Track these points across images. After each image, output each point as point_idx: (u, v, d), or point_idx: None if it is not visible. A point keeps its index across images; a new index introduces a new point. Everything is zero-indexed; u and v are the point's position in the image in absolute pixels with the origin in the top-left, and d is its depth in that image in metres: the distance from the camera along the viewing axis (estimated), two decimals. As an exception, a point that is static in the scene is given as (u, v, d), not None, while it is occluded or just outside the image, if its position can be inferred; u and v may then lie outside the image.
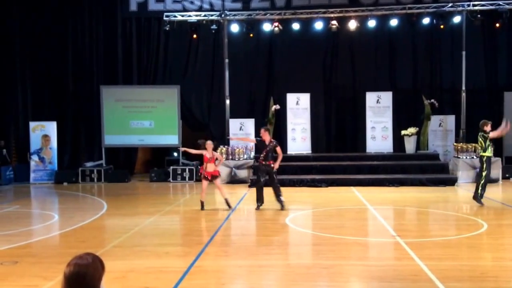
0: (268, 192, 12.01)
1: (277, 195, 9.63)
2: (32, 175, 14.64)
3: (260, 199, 9.70)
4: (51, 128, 14.79)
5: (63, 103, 15.82)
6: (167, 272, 5.54)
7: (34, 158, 14.68)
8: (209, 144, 9.69)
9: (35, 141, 14.70)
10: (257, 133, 14.74)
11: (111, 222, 8.88)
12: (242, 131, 14.56)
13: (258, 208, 9.63)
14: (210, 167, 9.52)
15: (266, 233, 7.87)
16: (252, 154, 14.25)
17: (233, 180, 13.60)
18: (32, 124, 14.79)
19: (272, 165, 9.57)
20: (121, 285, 5.02)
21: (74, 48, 15.92)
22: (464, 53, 14.08)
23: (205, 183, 9.65)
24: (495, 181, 12.47)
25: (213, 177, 9.58)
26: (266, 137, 9.63)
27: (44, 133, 14.73)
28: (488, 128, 9.53)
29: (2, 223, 8.75)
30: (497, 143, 12.78)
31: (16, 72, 15.86)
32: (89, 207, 10.62)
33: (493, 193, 10.84)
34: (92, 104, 15.53)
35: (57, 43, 15.72)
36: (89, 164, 15.02)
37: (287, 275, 5.44)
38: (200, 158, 10.47)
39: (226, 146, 14.10)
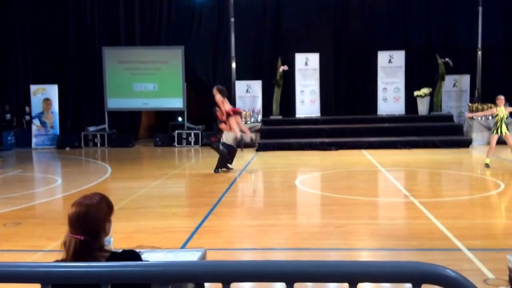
0: (273, 154, 11.83)
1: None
2: (33, 140, 14.34)
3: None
4: (52, 91, 14.40)
5: (64, 65, 15.35)
6: (175, 232, 5.39)
7: (36, 122, 14.38)
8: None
9: (36, 105, 14.36)
10: (264, 95, 14.40)
11: (116, 185, 8.69)
12: (249, 93, 14.14)
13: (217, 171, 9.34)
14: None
15: (275, 194, 7.67)
16: (260, 117, 13.91)
17: (240, 143, 13.30)
18: (32, 88, 14.40)
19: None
20: (127, 245, 4.77)
21: (75, 8, 15.34)
22: (480, 9, 13.44)
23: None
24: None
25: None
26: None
27: (45, 96, 14.36)
28: None
29: (4, 186, 8.64)
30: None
31: (16, 34, 15.35)
32: (93, 171, 10.45)
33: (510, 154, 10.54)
34: (94, 66, 15.04)
35: (57, 3, 15.14)
36: (91, 128, 14.71)
37: (299, 234, 5.28)
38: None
39: (232, 109, 13.71)
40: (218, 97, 9.22)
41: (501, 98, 9.11)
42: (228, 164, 9.49)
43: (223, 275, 1.27)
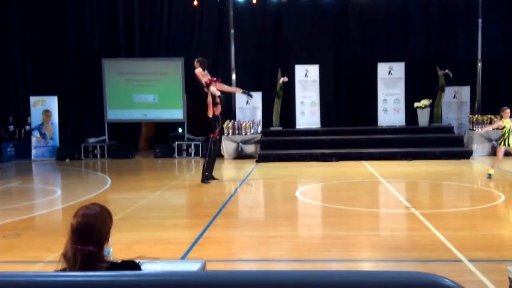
0: (274, 165, 11.82)
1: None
2: (33, 152, 14.30)
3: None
4: (52, 103, 14.40)
5: (64, 77, 15.39)
6: (175, 243, 5.34)
7: (35, 134, 14.38)
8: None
9: (36, 116, 14.37)
10: (265, 107, 14.41)
11: (115, 196, 8.65)
12: (249, 104, 14.17)
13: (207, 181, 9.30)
14: None
15: (276, 205, 7.63)
16: (260, 128, 13.91)
17: (240, 155, 13.32)
18: (32, 99, 14.41)
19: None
20: (127, 256, 4.73)
21: (75, 20, 15.44)
22: (480, 20, 13.51)
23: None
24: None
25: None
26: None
27: (45, 108, 14.37)
28: None
29: (4, 198, 8.60)
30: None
31: (16, 45, 15.44)
32: (93, 182, 10.41)
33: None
34: (93, 78, 15.10)
35: (57, 14, 15.25)
36: (91, 140, 14.71)
37: (300, 246, 5.23)
38: None
39: (232, 121, 13.75)
40: (198, 70, 9.10)
41: (507, 111, 9.05)
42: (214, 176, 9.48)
43: (221, 284, 1.26)
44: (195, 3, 14.46)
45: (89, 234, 1.98)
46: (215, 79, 9.27)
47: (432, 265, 4.44)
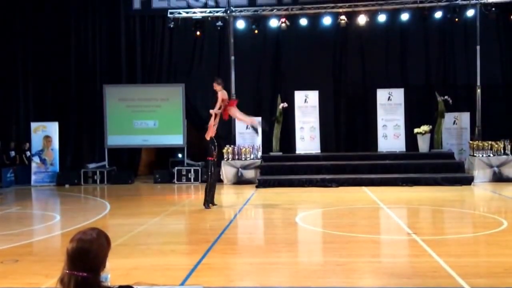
0: (273, 191, 11.77)
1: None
2: (33, 177, 14.28)
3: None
4: (53, 128, 14.45)
5: (65, 103, 15.56)
6: (174, 269, 5.28)
7: (36, 160, 14.39)
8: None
9: (36, 142, 14.38)
10: (264, 132, 14.38)
11: (114, 222, 8.59)
12: (249, 129, 14.19)
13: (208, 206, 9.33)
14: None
15: (275, 231, 7.58)
16: (260, 153, 13.92)
17: (240, 180, 13.29)
18: (33, 125, 14.46)
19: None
20: (125, 283, 4.69)
21: (77, 47, 15.73)
22: (478, 47, 13.66)
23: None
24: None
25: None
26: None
27: (46, 134, 14.41)
28: None
29: (2, 223, 8.53)
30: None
31: (18, 71, 15.65)
32: (92, 208, 10.36)
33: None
34: (95, 104, 15.25)
35: (59, 42, 15.52)
36: (91, 165, 14.70)
37: (300, 272, 5.16)
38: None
39: (232, 146, 13.78)
40: (223, 92, 9.39)
41: None
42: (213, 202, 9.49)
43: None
44: (198, 33, 14.71)
45: (83, 259, 1.95)
46: (236, 101, 9.60)
47: (435, 292, 4.37)
